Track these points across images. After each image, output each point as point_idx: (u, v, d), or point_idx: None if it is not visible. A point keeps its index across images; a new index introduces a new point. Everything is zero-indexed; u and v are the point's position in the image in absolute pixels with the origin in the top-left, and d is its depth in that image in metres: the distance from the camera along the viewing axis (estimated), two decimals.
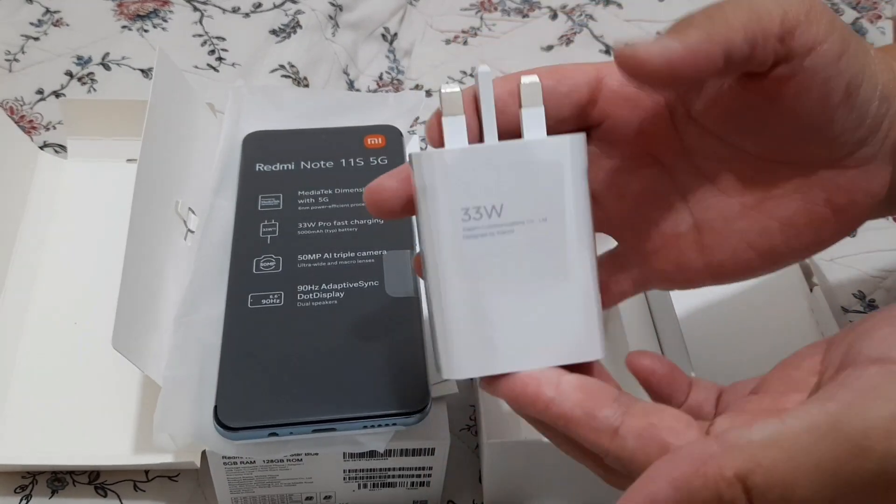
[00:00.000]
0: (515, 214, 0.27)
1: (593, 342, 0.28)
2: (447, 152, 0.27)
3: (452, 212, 0.27)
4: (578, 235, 0.28)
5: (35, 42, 0.60)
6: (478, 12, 0.65)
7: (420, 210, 0.28)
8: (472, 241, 0.27)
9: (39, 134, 0.55)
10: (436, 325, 0.28)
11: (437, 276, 0.27)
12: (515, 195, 0.27)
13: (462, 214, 0.27)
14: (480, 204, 0.27)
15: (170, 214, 0.43)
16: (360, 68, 0.61)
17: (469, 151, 0.27)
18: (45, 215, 0.48)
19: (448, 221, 0.27)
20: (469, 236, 0.27)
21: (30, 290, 0.45)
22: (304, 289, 0.38)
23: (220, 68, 0.59)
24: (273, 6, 0.63)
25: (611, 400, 0.26)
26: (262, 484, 0.38)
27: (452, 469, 0.41)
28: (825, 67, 0.26)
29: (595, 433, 0.26)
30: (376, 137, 0.45)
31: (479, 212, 0.27)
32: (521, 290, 0.28)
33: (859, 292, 0.49)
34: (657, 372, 0.29)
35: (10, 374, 0.42)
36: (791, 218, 0.29)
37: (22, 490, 0.40)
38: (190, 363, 0.37)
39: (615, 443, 0.26)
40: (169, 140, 0.44)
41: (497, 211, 0.27)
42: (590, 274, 0.28)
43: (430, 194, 0.27)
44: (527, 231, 0.27)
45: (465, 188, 0.27)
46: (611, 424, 0.26)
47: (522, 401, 0.27)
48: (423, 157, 0.27)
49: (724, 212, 0.30)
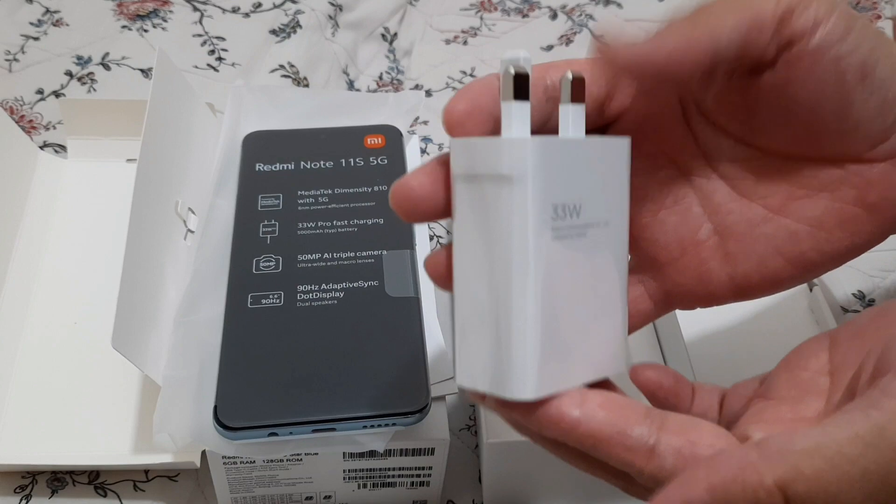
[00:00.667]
0: (589, 216, 0.25)
1: (619, 355, 0.27)
2: (540, 139, 0.24)
3: (547, 207, 0.24)
4: (626, 242, 0.26)
5: (35, 42, 0.60)
6: (478, 12, 0.65)
7: (483, 203, 0.24)
8: (558, 243, 0.24)
9: (39, 134, 0.55)
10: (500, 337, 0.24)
11: (515, 280, 0.24)
12: (592, 194, 0.25)
13: (553, 211, 0.24)
14: (567, 201, 0.24)
15: (170, 214, 0.43)
16: (360, 68, 0.61)
17: (559, 142, 0.24)
18: (45, 215, 0.48)
19: (541, 217, 0.24)
20: (557, 237, 0.24)
21: (30, 290, 0.45)
22: (304, 289, 0.38)
23: (220, 68, 0.59)
24: (273, 6, 0.63)
25: (641, 416, 0.25)
26: (262, 484, 0.38)
27: (452, 469, 0.41)
28: (832, 46, 0.25)
29: (629, 452, 0.24)
30: (376, 137, 0.45)
31: (566, 210, 0.24)
32: (582, 300, 0.25)
33: (859, 292, 0.49)
34: (664, 385, 0.28)
35: (10, 373, 0.42)
36: (819, 219, 0.28)
37: (22, 490, 0.40)
38: (190, 363, 0.37)
39: (652, 463, 0.24)
40: (169, 140, 0.44)
41: (577, 211, 0.25)
42: (626, 283, 0.27)
43: (520, 185, 0.23)
44: (594, 235, 0.25)
45: (557, 182, 0.24)
46: (645, 443, 0.24)
47: (546, 422, 0.25)
48: (505, 144, 0.23)
49: (746, 216, 0.28)
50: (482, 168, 0.24)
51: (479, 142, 0.24)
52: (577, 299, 0.25)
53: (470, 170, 0.24)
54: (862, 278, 0.49)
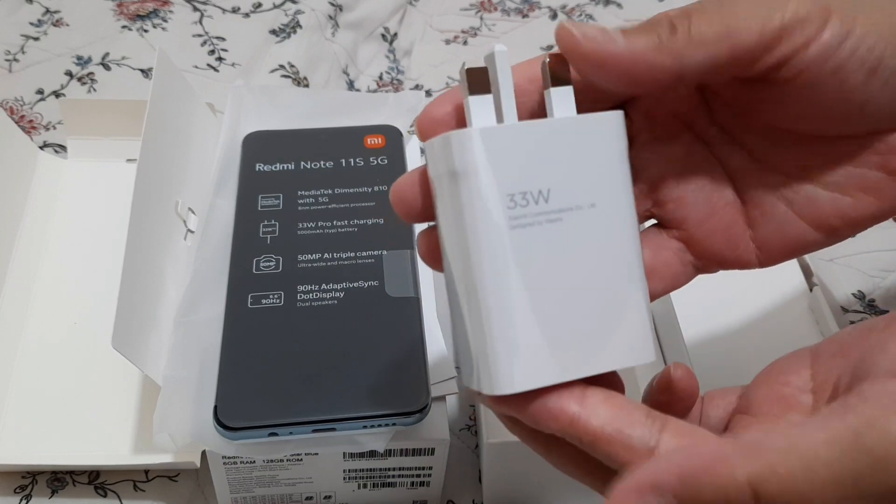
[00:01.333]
0: (564, 200, 0.24)
1: (647, 344, 0.25)
2: (486, 130, 0.24)
3: (497, 198, 0.23)
4: (629, 223, 0.25)
5: (35, 42, 0.60)
6: (478, 12, 0.65)
7: (447, 199, 0.24)
8: (519, 232, 0.24)
9: (39, 134, 0.55)
10: (472, 332, 0.24)
11: (476, 274, 0.24)
12: (563, 178, 0.24)
13: (508, 201, 0.24)
14: (527, 189, 0.24)
15: (169, 214, 0.43)
16: (360, 68, 0.61)
17: (511, 129, 0.24)
18: (45, 215, 0.48)
19: (492, 209, 0.23)
20: (516, 226, 0.24)
21: (30, 290, 0.45)
22: (304, 289, 0.38)
23: (220, 68, 0.59)
24: (273, 6, 0.63)
25: (643, 416, 0.24)
26: (262, 484, 0.38)
27: (452, 469, 0.41)
28: (828, 58, 0.24)
29: (629, 452, 0.24)
30: (376, 137, 0.45)
31: (526, 197, 0.24)
32: (573, 288, 0.24)
33: (859, 292, 0.49)
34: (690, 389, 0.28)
35: (10, 373, 0.42)
36: (840, 184, 0.27)
37: (22, 490, 0.40)
38: (190, 363, 0.37)
39: None
40: (169, 140, 0.44)
41: (544, 196, 0.24)
42: (641, 267, 0.25)
43: (468, 179, 0.23)
44: (576, 219, 0.24)
45: (510, 170, 0.24)
46: (647, 443, 0.24)
47: (542, 417, 0.24)
48: (453, 138, 0.24)
49: (765, 181, 0.28)
50: (440, 165, 0.24)
51: (434, 140, 0.24)
52: (567, 287, 0.24)
53: (434, 169, 0.25)
54: (862, 278, 0.49)
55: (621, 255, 0.25)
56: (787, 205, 0.28)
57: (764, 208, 0.28)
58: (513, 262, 0.24)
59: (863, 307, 0.48)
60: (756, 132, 0.28)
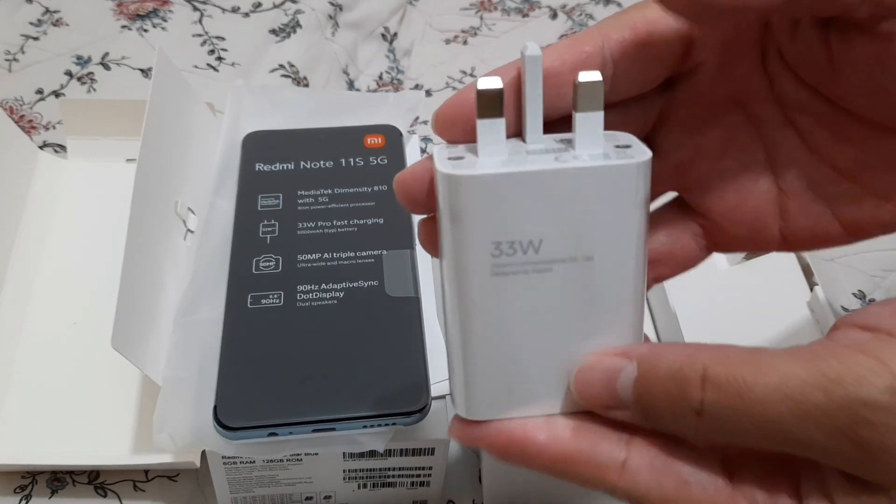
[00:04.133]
0: (555, 251, 0.23)
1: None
2: (478, 178, 0.23)
3: (481, 245, 0.23)
4: (628, 276, 0.24)
5: (35, 42, 0.60)
6: (478, 12, 0.65)
7: (443, 233, 0.24)
8: (501, 280, 0.24)
9: (39, 134, 0.55)
10: (454, 362, 0.25)
11: (458, 312, 0.24)
12: (556, 229, 0.23)
13: (493, 249, 0.23)
14: (515, 238, 0.23)
15: (169, 214, 0.43)
16: (360, 68, 0.61)
17: (505, 178, 0.23)
18: (45, 215, 0.48)
19: (476, 255, 0.23)
20: (498, 273, 0.23)
21: (30, 290, 0.45)
22: (303, 289, 0.38)
23: (219, 68, 0.59)
24: (273, 6, 0.63)
25: (610, 432, 0.24)
26: (262, 484, 0.38)
27: (452, 469, 0.41)
28: None
29: (599, 469, 0.23)
30: (376, 137, 0.45)
31: (513, 247, 0.23)
32: (552, 333, 0.24)
33: (859, 292, 0.49)
34: None
35: (10, 373, 0.42)
36: (889, 191, 0.25)
37: (22, 490, 0.40)
38: (190, 363, 0.37)
39: (625, 478, 0.23)
40: (168, 140, 0.44)
41: (534, 246, 0.23)
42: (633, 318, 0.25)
43: (457, 222, 0.23)
44: (567, 270, 0.24)
45: (497, 219, 0.23)
46: (616, 457, 0.23)
47: (510, 449, 0.24)
48: (450, 180, 0.23)
49: (812, 174, 0.26)
50: (438, 192, 0.24)
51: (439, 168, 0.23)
52: (547, 332, 0.24)
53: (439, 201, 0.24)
54: (862, 278, 0.49)
55: (615, 307, 0.24)
56: (826, 202, 0.26)
57: (803, 202, 0.27)
58: (491, 306, 0.24)
59: (863, 307, 0.48)
60: (819, 115, 0.26)
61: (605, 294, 0.24)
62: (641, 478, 0.23)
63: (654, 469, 0.23)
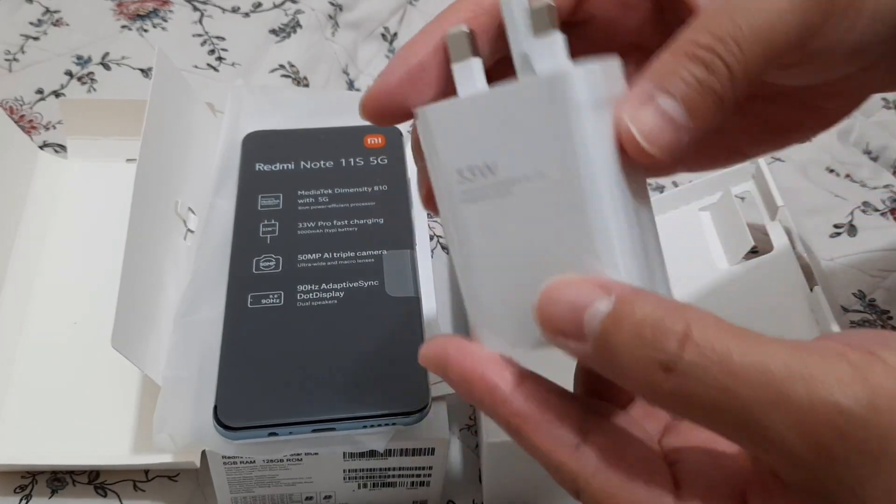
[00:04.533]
0: (509, 170, 0.24)
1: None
2: (431, 109, 0.25)
3: (447, 173, 0.25)
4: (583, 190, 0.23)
5: (35, 42, 0.60)
6: None
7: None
8: (469, 206, 0.25)
9: (39, 134, 0.55)
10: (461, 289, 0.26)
11: (448, 242, 0.26)
12: (507, 148, 0.24)
13: (457, 176, 0.25)
14: (472, 163, 0.24)
15: (169, 214, 0.43)
16: (360, 68, 0.61)
17: (454, 105, 0.24)
18: (45, 215, 0.48)
19: (445, 184, 0.25)
20: (466, 199, 0.25)
21: (30, 290, 0.45)
22: (303, 289, 0.38)
23: (219, 68, 0.59)
24: (273, 6, 0.63)
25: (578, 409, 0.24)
26: (262, 484, 0.38)
27: (452, 469, 0.41)
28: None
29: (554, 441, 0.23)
30: (376, 137, 0.45)
31: (473, 171, 0.24)
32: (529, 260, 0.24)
33: (859, 292, 0.49)
34: None
35: (10, 373, 0.42)
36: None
37: (22, 490, 0.40)
38: (190, 363, 0.37)
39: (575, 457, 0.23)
40: (168, 140, 0.44)
41: (490, 169, 0.24)
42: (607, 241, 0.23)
43: (428, 154, 0.25)
44: (526, 191, 0.24)
45: (454, 145, 0.24)
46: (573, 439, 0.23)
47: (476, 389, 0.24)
48: (417, 115, 0.25)
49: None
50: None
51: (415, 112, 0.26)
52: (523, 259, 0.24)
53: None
54: (862, 278, 0.49)
55: (581, 229, 0.23)
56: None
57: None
58: (465, 232, 0.25)
59: (863, 307, 0.48)
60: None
61: (569, 214, 0.23)
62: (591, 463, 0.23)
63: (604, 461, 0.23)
